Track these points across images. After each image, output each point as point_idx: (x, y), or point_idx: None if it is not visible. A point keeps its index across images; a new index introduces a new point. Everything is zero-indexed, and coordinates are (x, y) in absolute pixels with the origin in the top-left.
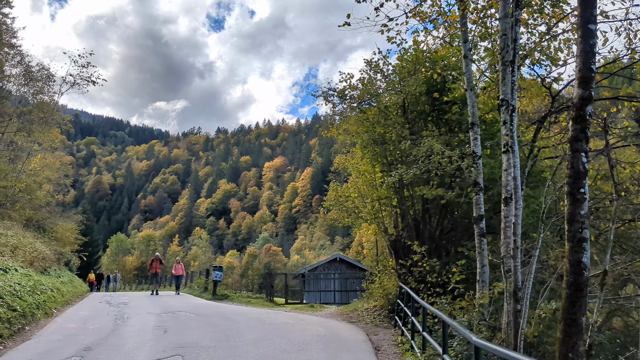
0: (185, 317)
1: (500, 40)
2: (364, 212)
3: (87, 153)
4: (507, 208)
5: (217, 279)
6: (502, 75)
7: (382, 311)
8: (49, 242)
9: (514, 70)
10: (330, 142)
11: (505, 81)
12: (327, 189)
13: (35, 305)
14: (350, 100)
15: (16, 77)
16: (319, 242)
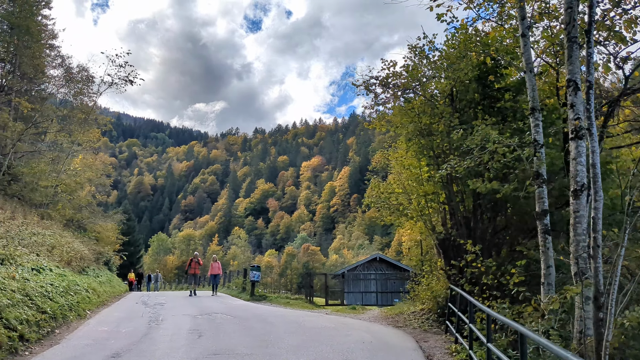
0: (221, 319)
1: (566, 14)
2: (409, 209)
3: (129, 154)
4: (577, 202)
5: (255, 279)
6: (567, 53)
7: (430, 315)
8: (88, 242)
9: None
10: (368, 141)
11: (571, 59)
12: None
13: (68, 307)
14: (393, 88)
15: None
16: (358, 241)
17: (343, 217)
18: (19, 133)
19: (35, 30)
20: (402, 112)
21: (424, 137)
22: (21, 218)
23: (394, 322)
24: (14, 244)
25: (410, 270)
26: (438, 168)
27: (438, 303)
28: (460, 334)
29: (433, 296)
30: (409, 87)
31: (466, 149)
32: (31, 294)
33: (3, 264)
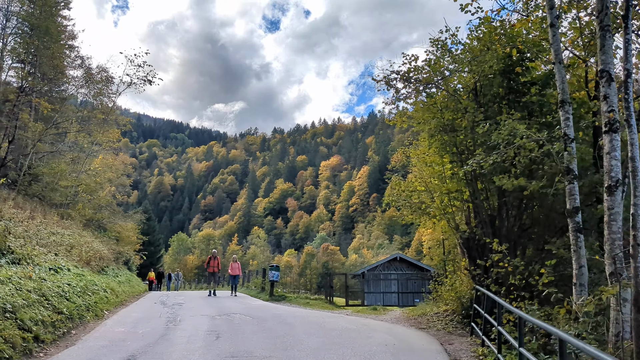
0: (240, 320)
1: (598, 1)
2: (432, 208)
3: (149, 155)
4: (611, 198)
5: (274, 279)
6: (600, 43)
7: (454, 316)
8: (108, 242)
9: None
10: (387, 140)
11: (604, 49)
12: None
13: (85, 307)
14: (415, 83)
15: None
16: (377, 241)
17: (362, 217)
18: (39, 133)
19: (54, 30)
20: (424, 107)
21: (446, 133)
22: (40, 218)
23: (416, 324)
24: (32, 243)
25: (431, 270)
26: (462, 165)
27: (462, 304)
28: (487, 336)
29: (457, 297)
30: (431, 82)
31: (492, 144)
32: (47, 294)
33: (20, 264)
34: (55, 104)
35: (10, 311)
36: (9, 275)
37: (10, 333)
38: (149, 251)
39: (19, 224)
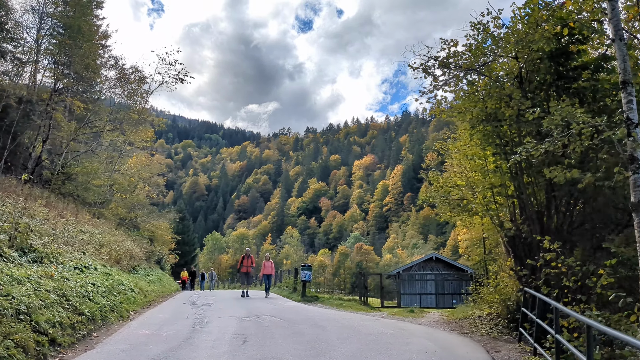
0: (269, 322)
1: None
2: (474, 203)
3: (184, 155)
4: None
5: (306, 279)
6: None
7: (499, 320)
8: (140, 241)
9: None
10: (421, 139)
11: None
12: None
13: (109, 308)
14: (455, 69)
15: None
16: (412, 240)
17: (396, 216)
18: (73, 133)
19: (86, 29)
20: (465, 96)
21: (489, 123)
22: (70, 216)
23: (458, 328)
24: (58, 242)
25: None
26: (506, 157)
27: (508, 307)
28: (539, 343)
29: (502, 299)
30: (472, 67)
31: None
32: (68, 294)
33: (42, 263)
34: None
35: (25, 313)
36: (28, 275)
37: (23, 336)
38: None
39: (46, 222)
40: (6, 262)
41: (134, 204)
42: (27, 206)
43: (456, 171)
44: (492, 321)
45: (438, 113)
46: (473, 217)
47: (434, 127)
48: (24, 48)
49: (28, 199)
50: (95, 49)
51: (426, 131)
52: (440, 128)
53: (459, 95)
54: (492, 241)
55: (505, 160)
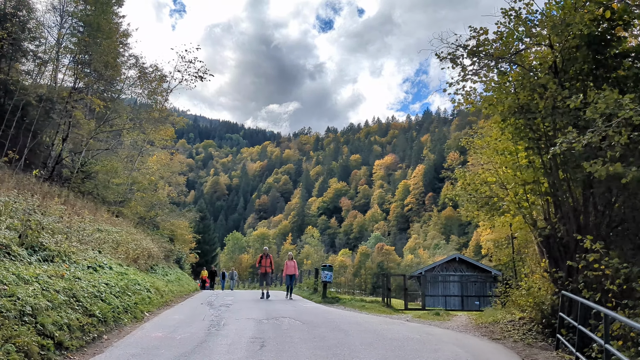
0: (288, 325)
1: None
2: (506, 201)
3: (205, 155)
4: None
5: (327, 280)
6: None
7: (533, 325)
8: (159, 240)
9: None
10: (443, 138)
11: None
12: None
13: (123, 309)
14: (485, 58)
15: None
16: (434, 241)
17: (418, 216)
18: (92, 131)
19: (105, 27)
20: (496, 86)
21: (522, 116)
22: (87, 214)
23: (489, 333)
24: (72, 240)
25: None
26: (539, 152)
27: (542, 312)
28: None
29: (535, 303)
30: (504, 55)
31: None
32: (79, 294)
33: (53, 262)
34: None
35: (30, 314)
36: (37, 274)
37: (26, 340)
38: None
39: (61, 220)
40: (14, 261)
41: (154, 202)
42: (42, 204)
43: (484, 167)
44: (525, 326)
45: (467, 102)
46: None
47: (455, 126)
48: (45, 47)
49: (46, 197)
50: (114, 47)
51: (448, 130)
52: (462, 127)
53: (489, 87)
54: (520, 241)
55: (539, 154)
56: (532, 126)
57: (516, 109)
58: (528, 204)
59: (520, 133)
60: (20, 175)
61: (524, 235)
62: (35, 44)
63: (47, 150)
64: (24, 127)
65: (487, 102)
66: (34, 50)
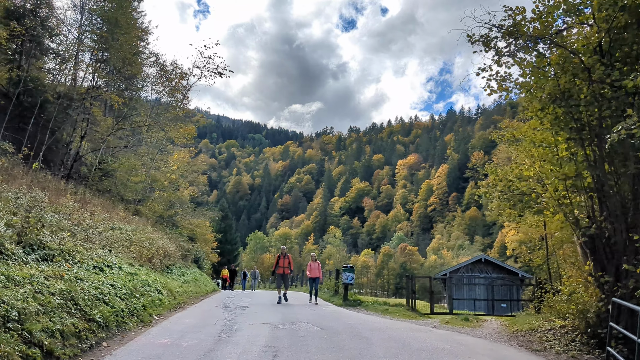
0: (305, 331)
1: None
2: (545, 197)
3: (227, 155)
4: None
5: (348, 282)
6: None
7: (576, 335)
8: (178, 239)
9: None
10: (467, 138)
11: None
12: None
13: (128, 312)
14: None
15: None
16: (457, 241)
17: (441, 217)
18: (110, 128)
19: (123, 22)
20: (534, 71)
21: (564, 102)
22: (100, 212)
23: (526, 343)
24: (79, 238)
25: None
26: (582, 143)
27: (587, 320)
28: None
29: (579, 310)
30: (543, 36)
31: None
32: (78, 297)
33: (54, 261)
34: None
35: (15, 320)
36: (31, 275)
37: (7, 350)
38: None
39: (69, 218)
40: (6, 260)
41: (173, 201)
42: (54, 201)
43: (518, 162)
44: (568, 336)
45: (501, 90)
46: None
47: (480, 125)
48: (67, 45)
49: (59, 194)
50: (132, 42)
51: (472, 130)
52: (486, 126)
53: (525, 73)
54: (555, 241)
55: (581, 146)
56: (574, 114)
57: (557, 95)
58: (569, 200)
59: (561, 123)
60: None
61: (560, 236)
62: (55, 42)
63: (65, 148)
64: (42, 124)
65: (524, 88)
66: (55, 48)
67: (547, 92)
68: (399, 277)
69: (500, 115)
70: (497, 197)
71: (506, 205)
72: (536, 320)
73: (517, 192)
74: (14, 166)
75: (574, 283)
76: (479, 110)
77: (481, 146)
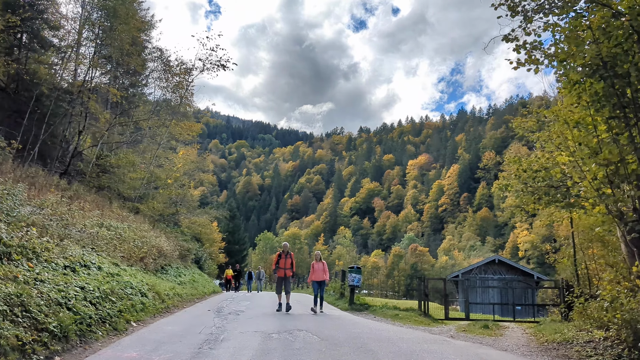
0: (303, 342)
1: None
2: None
3: (237, 156)
4: None
5: (355, 284)
6: None
7: (622, 349)
8: (176, 238)
9: None
10: (478, 138)
11: None
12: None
13: (99, 319)
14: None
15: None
16: (469, 242)
17: (452, 217)
18: (107, 122)
19: (122, 13)
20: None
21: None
22: (89, 208)
23: (562, 358)
24: (50, 235)
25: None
26: (627, 122)
27: (637, 332)
28: None
29: (625, 320)
30: None
31: None
32: (31, 302)
33: (11, 259)
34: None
35: None
36: None
37: None
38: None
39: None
40: None
41: (175, 199)
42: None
43: (546, 149)
44: (612, 350)
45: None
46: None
47: (491, 125)
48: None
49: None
50: (131, 32)
51: (483, 130)
52: (498, 126)
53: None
54: (583, 239)
55: (626, 126)
56: (617, 89)
57: (598, 65)
58: (612, 190)
59: (601, 98)
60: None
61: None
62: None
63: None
64: (37, 119)
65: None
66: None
67: (588, 60)
68: (409, 278)
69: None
70: (521, 190)
71: (530, 199)
72: (567, 329)
73: (543, 183)
74: (5, 161)
75: (617, 287)
76: (490, 110)
77: (492, 146)
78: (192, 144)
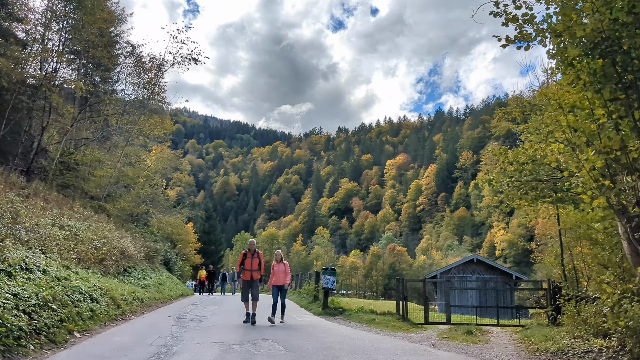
0: (266, 354)
1: None
2: (581, 176)
3: (215, 156)
4: None
5: (329, 286)
6: None
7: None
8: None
9: None
10: (456, 138)
11: None
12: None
13: (32, 330)
14: None
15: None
16: (446, 242)
17: (430, 217)
18: (74, 118)
19: (88, 4)
20: (568, 5)
21: (610, 48)
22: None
23: None
24: None
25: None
26: (629, 105)
27: None
28: None
29: (629, 328)
30: None
31: None
32: None
33: None
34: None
35: None
36: None
37: None
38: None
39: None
40: None
41: (144, 198)
42: None
43: (534, 140)
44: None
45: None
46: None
47: (468, 125)
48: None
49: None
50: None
51: (460, 130)
52: (475, 127)
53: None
54: (570, 237)
55: (628, 109)
56: (618, 67)
57: (597, 40)
58: (611, 181)
59: (600, 79)
60: None
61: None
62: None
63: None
64: None
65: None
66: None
67: (589, 32)
68: (387, 277)
69: (489, 115)
70: (507, 184)
71: (516, 194)
72: (559, 336)
73: (530, 177)
74: None
75: (618, 290)
76: (467, 111)
77: (470, 146)
78: (164, 142)
